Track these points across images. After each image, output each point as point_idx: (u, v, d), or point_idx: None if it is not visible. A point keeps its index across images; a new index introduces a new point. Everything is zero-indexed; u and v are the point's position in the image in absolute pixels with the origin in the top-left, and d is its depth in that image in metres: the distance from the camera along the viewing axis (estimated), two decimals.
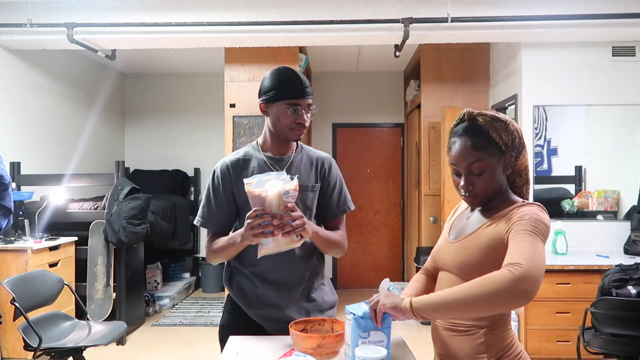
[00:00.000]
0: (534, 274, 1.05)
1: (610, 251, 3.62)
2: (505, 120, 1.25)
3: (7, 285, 2.64)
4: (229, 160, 1.66)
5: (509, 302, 1.06)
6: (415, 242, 5.04)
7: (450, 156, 1.29)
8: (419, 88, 4.80)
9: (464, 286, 1.10)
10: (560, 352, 3.23)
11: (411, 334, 4.19)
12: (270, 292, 1.60)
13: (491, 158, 1.23)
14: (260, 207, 1.37)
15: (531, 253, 1.08)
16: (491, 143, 1.23)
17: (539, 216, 1.17)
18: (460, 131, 1.27)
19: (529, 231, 1.13)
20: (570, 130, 3.91)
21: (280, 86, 1.55)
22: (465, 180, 1.26)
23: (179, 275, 5.71)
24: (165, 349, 3.86)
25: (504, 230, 1.17)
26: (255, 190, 1.37)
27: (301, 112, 1.56)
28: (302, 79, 1.57)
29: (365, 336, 1.22)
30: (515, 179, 1.32)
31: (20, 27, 3.61)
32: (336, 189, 1.70)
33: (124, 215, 3.80)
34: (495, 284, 1.05)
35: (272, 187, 1.37)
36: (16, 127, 4.13)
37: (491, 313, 1.18)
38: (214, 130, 5.78)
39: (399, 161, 5.90)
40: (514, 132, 1.25)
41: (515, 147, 1.25)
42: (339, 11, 3.54)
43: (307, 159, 1.68)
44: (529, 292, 1.04)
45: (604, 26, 3.46)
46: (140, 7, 3.62)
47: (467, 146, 1.24)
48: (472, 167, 1.24)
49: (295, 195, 1.39)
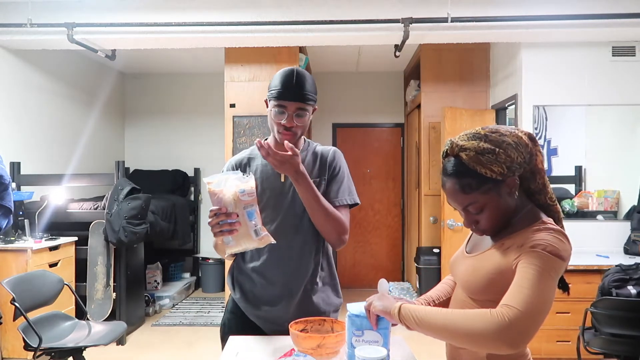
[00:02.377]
0: (526, 323, 0.97)
1: (610, 251, 3.62)
2: (493, 150, 1.10)
3: (7, 285, 2.64)
4: (234, 160, 1.69)
5: (490, 346, 1.01)
6: (415, 242, 5.04)
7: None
8: (419, 88, 4.80)
9: (454, 314, 1.06)
10: (560, 352, 3.23)
11: (411, 334, 4.18)
12: (269, 291, 1.60)
13: (487, 195, 1.13)
14: (217, 206, 1.36)
15: (531, 297, 0.99)
16: (482, 180, 1.12)
17: (554, 248, 1.04)
18: (447, 169, 1.17)
19: (539, 267, 1.02)
20: (570, 130, 3.91)
21: (274, 86, 1.54)
22: (466, 219, 1.19)
23: (179, 275, 5.71)
24: (165, 349, 3.86)
25: (514, 257, 1.08)
26: (215, 189, 1.38)
27: (287, 115, 1.52)
28: (299, 81, 1.52)
29: (360, 335, 1.24)
30: (530, 186, 1.18)
31: (20, 27, 3.61)
32: (337, 177, 1.65)
33: (124, 215, 3.80)
34: (482, 324, 1.00)
35: (229, 186, 1.37)
36: (16, 127, 4.12)
37: (473, 349, 1.12)
38: (214, 130, 5.78)
39: (399, 161, 5.90)
40: (510, 156, 1.11)
41: (517, 167, 1.12)
42: (339, 11, 3.54)
43: (312, 155, 1.67)
44: (515, 343, 0.98)
45: (604, 26, 3.46)
46: (140, 7, 3.62)
47: (456, 190, 1.15)
48: (469, 209, 1.16)
49: (252, 193, 1.38)
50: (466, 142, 1.14)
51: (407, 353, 1.42)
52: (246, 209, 1.37)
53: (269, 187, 1.61)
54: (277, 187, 1.61)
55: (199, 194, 6.02)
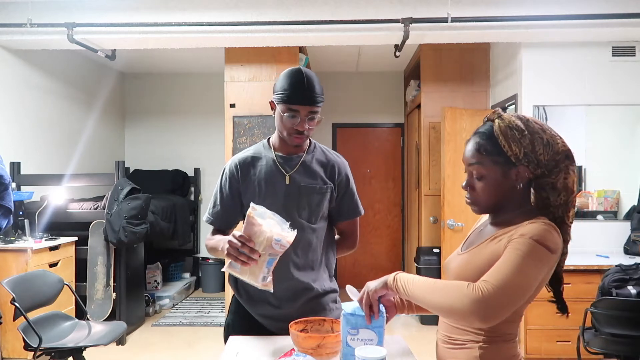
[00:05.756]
0: (499, 299, 1.00)
1: (610, 251, 3.62)
2: (522, 131, 1.13)
3: (7, 285, 2.64)
4: (238, 159, 1.66)
5: (464, 318, 1.03)
6: (415, 242, 5.04)
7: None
8: (419, 88, 4.80)
9: (436, 284, 1.11)
10: (560, 352, 3.23)
11: (411, 334, 4.19)
12: (276, 290, 1.59)
13: (494, 166, 1.15)
14: (249, 235, 1.31)
15: (509, 275, 1.02)
16: (497, 150, 1.15)
17: (542, 238, 1.06)
18: (478, 128, 1.22)
19: (522, 252, 1.04)
20: (570, 130, 3.91)
21: (285, 88, 1.51)
22: (467, 181, 1.22)
23: (179, 275, 5.71)
24: (165, 349, 3.86)
25: (503, 247, 1.10)
26: (256, 219, 1.32)
27: (300, 119, 1.51)
28: (310, 84, 1.51)
29: (354, 333, 1.24)
30: (549, 196, 1.16)
31: (20, 27, 3.60)
32: (347, 194, 1.68)
33: (124, 215, 3.80)
34: (458, 296, 1.03)
35: (269, 226, 1.32)
36: (16, 127, 4.12)
37: (451, 321, 1.19)
38: (214, 130, 5.78)
39: (399, 161, 5.90)
40: (534, 147, 1.13)
41: (534, 161, 1.13)
42: (339, 11, 3.53)
43: (319, 160, 1.65)
44: (486, 317, 1.00)
45: (604, 26, 3.46)
46: (140, 7, 3.62)
47: (473, 147, 1.19)
48: (472, 169, 1.20)
49: (285, 246, 1.33)
50: (507, 116, 1.18)
51: (407, 352, 1.43)
52: (270, 257, 1.34)
53: (274, 188, 1.60)
54: (282, 189, 1.60)
55: (199, 194, 6.03)
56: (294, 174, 1.60)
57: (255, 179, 1.62)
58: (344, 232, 1.80)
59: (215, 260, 5.49)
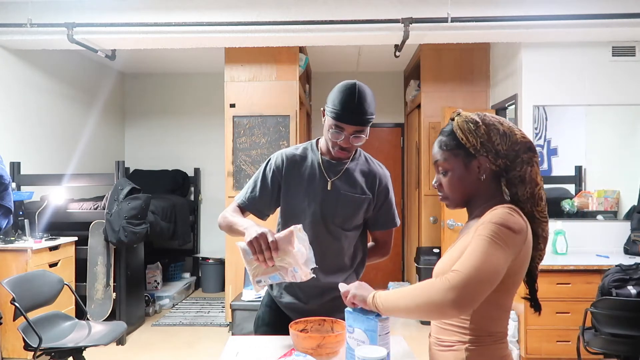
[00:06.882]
0: (468, 284, 1.01)
1: (610, 251, 3.62)
2: (477, 123, 1.18)
3: (7, 285, 2.64)
4: (286, 154, 1.69)
5: (439, 310, 1.04)
6: (415, 242, 5.03)
7: None
8: (419, 88, 4.80)
9: (407, 290, 1.12)
10: (560, 352, 3.23)
11: (411, 334, 4.19)
12: (311, 287, 1.60)
13: (455, 159, 1.20)
14: (281, 242, 1.34)
15: (475, 260, 1.04)
16: (457, 144, 1.20)
17: (503, 220, 1.09)
18: (441, 130, 1.28)
19: (486, 236, 1.07)
20: (570, 130, 3.91)
21: (335, 104, 1.51)
22: (435, 178, 1.28)
23: (179, 275, 5.71)
24: (165, 349, 3.86)
25: (471, 237, 1.11)
26: (294, 241, 1.35)
27: (344, 136, 1.53)
28: (360, 103, 1.49)
29: (351, 331, 1.26)
30: (517, 191, 1.19)
31: (20, 27, 3.60)
32: (385, 205, 1.71)
33: (124, 215, 3.80)
34: (430, 292, 1.05)
35: (299, 255, 1.35)
36: (16, 127, 4.12)
37: (435, 320, 1.21)
38: (214, 130, 5.78)
39: (399, 161, 5.90)
40: (490, 137, 1.17)
41: (492, 151, 1.17)
42: (339, 11, 3.54)
43: (362, 169, 1.68)
44: (459, 304, 1.01)
45: (603, 26, 3.46)
46: (140, 7, 3.62)
47: (436, 145, 1.25)
48: (437, 165, 1.25)
49: (296, 280, 1.38)
50: (466, 113, 1.24)
51: (407, 352, 1.43)
52: (278, 274, 1.38)
53: (314, 192, 1.62)
54: (323, 194, 1.62)
55: (199, 194, 6.02)
56: (336, 180, 1.63)
57: (298, 179, 1.64)
58: (377, 240, 1.82)
59: (215, 260, 5.49)
